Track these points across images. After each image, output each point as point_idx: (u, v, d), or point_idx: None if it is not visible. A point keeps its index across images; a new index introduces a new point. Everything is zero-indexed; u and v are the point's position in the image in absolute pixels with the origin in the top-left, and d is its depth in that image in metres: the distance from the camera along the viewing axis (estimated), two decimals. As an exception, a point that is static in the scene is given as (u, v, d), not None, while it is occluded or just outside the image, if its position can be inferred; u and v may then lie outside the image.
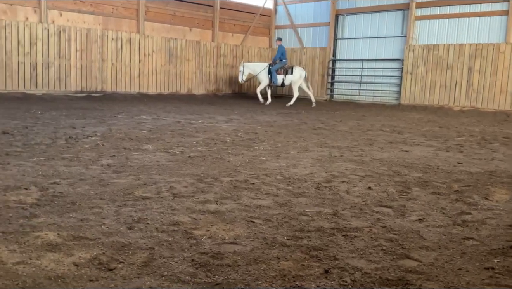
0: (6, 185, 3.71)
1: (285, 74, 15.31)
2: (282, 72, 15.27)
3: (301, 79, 15.36)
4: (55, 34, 13.42)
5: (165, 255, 2.46)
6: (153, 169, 4.62)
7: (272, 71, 15.20)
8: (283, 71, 15.30)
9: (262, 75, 15.32)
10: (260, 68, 15.34)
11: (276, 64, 15.28)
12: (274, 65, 15.29)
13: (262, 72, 15.27)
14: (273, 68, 15.23)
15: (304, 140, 7.17)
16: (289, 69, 15.45)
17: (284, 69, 15.35)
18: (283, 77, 15.32)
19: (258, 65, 15.53)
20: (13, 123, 7.36)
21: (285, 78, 15.36)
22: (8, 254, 2.36)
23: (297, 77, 15.31)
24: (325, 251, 2.59)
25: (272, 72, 15.19)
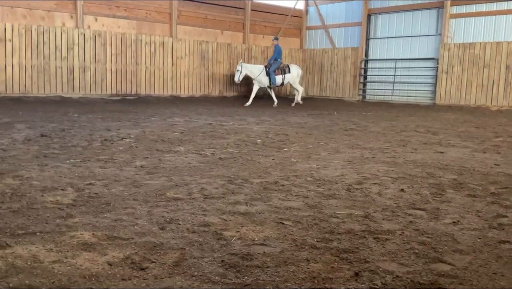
0: (44, 186, 3.84)
1: (283, 73, 15.21)
2: (280, 72, 15.14)
3: (298, 77, 15.38)
4: (91, 39, 13.80)
5: (196, 256, 2.49)
6: (185, 170, 4.68)
7: (270, 73, 14.99)
8: (280, 71, 15.17)
9: (261, 79, 15.08)
10: (258, 71, 15.07)
11: (272, 65, 15.07)
12: (271, 67, 15.06)
13: (261, 76, 15.04)
14: (271, 69, 15.01)
15: (335, 141, 7.11)
16: (286, 68, 15.33)
17: (281, 68, 15.21)
18: (282, 77, 15.20)
19: (256, 67, 15.25)
20: (51, 126, 7.61)
21: (284, 77, 15.26)
22: (45, 253, 2.45)
23: (294, 75, 15.31)
24: (356, 254, 2.56)
25: (270, 74, 14.99)
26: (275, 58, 15.12)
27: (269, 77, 15.00)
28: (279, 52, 15.14)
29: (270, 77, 14.99)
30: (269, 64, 15.12)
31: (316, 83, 19.55)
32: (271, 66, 15.07)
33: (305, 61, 19.79)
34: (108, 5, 14.24)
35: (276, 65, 15.08)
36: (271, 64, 15.09)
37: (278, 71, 15.13)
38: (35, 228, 2.81)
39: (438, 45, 15.73)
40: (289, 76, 15.29)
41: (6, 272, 2.19)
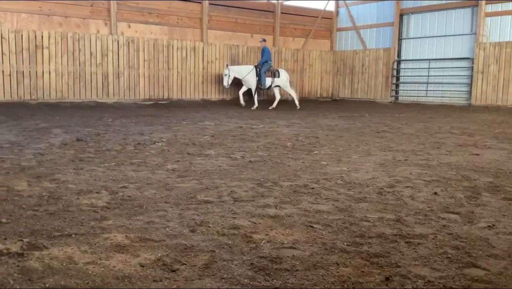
0: (80, 189, 3.95)
1: (273, 77, 14.82)
2: (270, 75, 14.76)
3: (287, 82, 15.03)
4: (124, 45, 14.12)
5: (225, 258, 2.51)
6: (215, 173, 4.73)
7: (261, 74, 14.57)
8: (271, 74, 14.79)
9: (249, 79, 14.66)
10: (246, 71, 14.65)
11: (262, 66, 14.68)
12: (262, 68, 14.65)
13: (250, 76, 14.61)
14: (261, 70, 14.59)
15: (367, 144, 7.03)
16: (276, 72, 14.97)
17: (271, 71, 14.83)
18: (271, 80, 14.82)
19: (244, 68, 14.85)
20: (87, 131, 7.83)
21: (273, 81, 14.86)
22: (80, 254, 2.52)
23: (284, 80, 14.97)
24: (387, 258, 2.53)
25: (261, 75, 14.56)
26: (265, 61, 14.67)
27: (259, 78, 14.58)
28: (268, 54, 14.75)
29: (260, 78, 14.57)
30: (260, 65, 14.72)
31: (347, 85, 19.37)
32: (261, 67, 14.66)
33: (335, 63, 19.64)
34: (141, 12, 14.54)
35: (266, 67, 14.69)
36: (261, 65, 14.71)
37: (268, 74, 14.75)
38: (70, 230, 2.90)
39: (473, 45, 15.32)
40: (279, 81, 14.91)
41: (42, 273, 2.27)
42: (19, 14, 12.56)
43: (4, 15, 12.32)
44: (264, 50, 14.79)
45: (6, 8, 12.30)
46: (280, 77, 14.90)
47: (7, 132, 7.33)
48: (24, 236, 2.76)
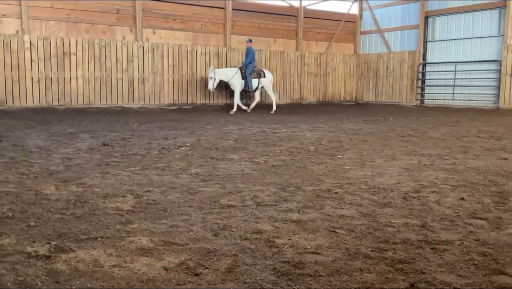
0: (105, 193, 4.03)
1: (259, 77, 14.35)
2: (255, 75, 14.30)
3: (271, 83, 14.67)
4: (149, 51, 14.34)
5: (248, 262, 2.52)
6: (238, 177, 4.75)
7: (247, 76, 14.08)
8: (256, 75, 14.32)
9: (235, 81, 14.12)
10: (232, 73, 14.14)
11: (247, 67, 14.20)
12: (246, 69, 14.15)
13: (235, 78, 14.10)
14: (247, 72, 14.10)
15: (391, 148, 6.94)
16: (261, 72, 14.49)
17: (256, 72, 14.35)
18: (257, 81, 14.35)
19: (229, 70, 14.33)
20: (113, 136, 7.97)
21: (259, 82, 14.40)
22: (105, 257, 2.57)
23: (269, 80, 14.57)
24: (412, 264, 2.49)
25: (247, 77, 14.08)
26: (250, 62, 14.20)
27: (245, 81, 14.10)
28: (253, 55, 14.29)
29: (246, 81, 14.09)
30: (244, 67, 14.23)
31: (371, 88, 19.19)
32: (246, 68, 14.18)
33: (359, 67, 19.49)
34: (166, 18, 14.75)
35: (251, 68, 14.23)
36: (246, 67, 14.22)
37: (254, 75, 14.28)
38: (96, 233, 2.95)
39: (501, 47, 14.98)
40: (265, 81, 14.48)
41: (69, 275, 2.32)
42: (48, 21, 12.90)
43: (33, 22, 12.67)
44: (249, 50, 14.33)
45: (35, 16, 12.65)
46: (266, 77, 14.50)
47: (36, 137, 7.52)
48: (52, 239, 2.83)
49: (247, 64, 14.18)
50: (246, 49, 14.57)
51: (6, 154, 5.93)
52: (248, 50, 14.32)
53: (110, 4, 13.77)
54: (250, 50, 14.28)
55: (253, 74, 14.20)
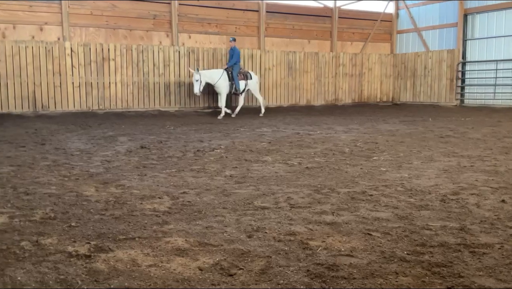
0: (143, 195, 4.13)
1: (246, 79, 13.49)
2: (242, 77, 13.44)
3: (257, 85, 13.93)
4: (185, 55, 14.57)
5: (282, 264, 2.53)
6: (272, 179, 4.76)
7: (234, 77, 13.14)
8: (243, 76, 13.46)
9: (222, 84, 13.09)
10: (218, 75, 13.12)
11: (234, 68, 13.23)
12: (233, 70, 13.21)
13: (222, 80, 13.08)
14: (234, 73, 13.17)
15: (429, 149, 6.79)
16: (247, 74, 13.64)
17: (242, 73, 13.49)
18: (244, 82, 13.47)
19: (215, 72, 13.28)
20: (150, 138, 8.14)
21: (246, 83, 13.54)
22: (142, 257, 2.64)
23: (255, 82, 13.78)
24: (449, 268, 2.43)
25: (235, 79, 13.15)
26: (235, 62, 13.28)
27: (233, 82, 13.20)
28: (238, 55, 13.43)
29: (234, 82, 13.20)
30: (230, 68, 13.28)
31: (408, 88, 18.80)
32: (232, 69, 13.23)
33: (396, 66, 19.13)
34: (201, 23, 14.95)
35: (237, 70, 13.32)
36: (232, 68, 13.26)
37: (241, 76, 13.40)
38: (134, 234, 3.04)
39: (547, 43, 14.37)
40: (251, 83, 13.65)
41: (108, 274, 2.40)
42: (87, 28, 13.32)
43: (74, 29, 13.11)
44: (234, 50, 13.35)
45: (75, 23, 13.09)
46: (252, 79, 13.70)
47: (77, 141, 7.78)
48: (92, 239, 2.93)
49: (233, 65, 13.26)
50: (229, 49, 13.61)
51: (49, 156, 6.17)
52: (233, 50, 13.38)
53: (147, 10, 14.08)
54: (235, 50, 13.38)
55: (240, 76, 13.38)
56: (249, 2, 15.80)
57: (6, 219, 3.32)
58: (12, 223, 3.23)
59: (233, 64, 13.21)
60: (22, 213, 3.48)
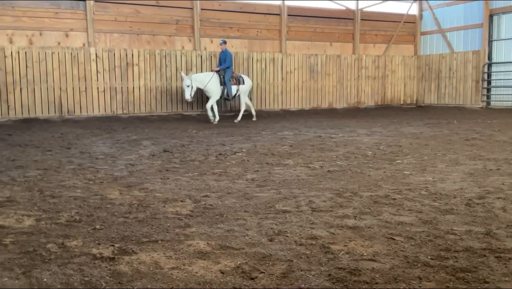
0: (166, 198, 4.17)
1: (238, 84, 12.75)
2: (235, 82, 12.68)
3: (249, 89, 13.24)
4: (207, 60, 14.68)
5: (303, 268, 2.52)
6: (293, 183, 4.75)
7: (226, 82, 12.42)
8: (235, 81, 12.71)
9: (213, 88, 12.34)
10: (207, 78, 12.35)
11: (226, 72, 12.48)
12: (225, 75, 12.48)
13: (212, 84, 12.33)
14: (226, 77, 12.44)
15: (455, 152, 6.67)
16: (240, 78, 12.91)
17: (235, 78, 12.76)
18: (236, 88, 12.70)
19: (205, 75, 12.54)
20: (173, 142, 8.23)
21: (238, 89, 12.74)
22: (165, 260, 2.67)
23: (247, 87, 13.05)
24: (474, 273, 2.39)
25: (226, 83, 12.42)
26: (228, 66, 12.53)
27: (225, 87, 12.48)
28: (231, 58, 12.70)
29: (226, 87, 12.48)
30: (222, 72, 12.54)
31: (433, 90, 18.51)
32: (224, 73, 12.51)
33: (420, 68, 18.87)
34: (222, 27, 15.05)
35: (230, 74, 12.58)
36: (224, 71, 12.53)
37: (233, 81, 12.67)
38: (157, 237, 3.07)
39: None
40: (243, 88, 12.89)
41: (131, 277, 2.43)
42: (112, 34, 13.55)
43: (98, 35, 13.36)
44: (226, 53, 12.59)
45: (100, 29, 13.33)
46: (245, 84, 12.99)
47: (101, 145, 7.92)
48: (116, 241, 2.98)
49: (225, 69, 12.52)
50: (220, 52, 12.83)
51: (74, 160, 6.29)
52: (225, 53, 12.60)
53: (170, 15, 14.25)
54: (228, 53, 12.61)
55: (232, 81, 12.65)
56: (271, 6, 15.83)
57: (33, 222, 3.40)
58: (38, 226, 3.31)
59: (225, 68, 12.50)
60: (49, 216, 3.56)
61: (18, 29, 12.27)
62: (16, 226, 3.28)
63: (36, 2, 12.44)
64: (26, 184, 4.75)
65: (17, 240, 2.98)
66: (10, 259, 2.65)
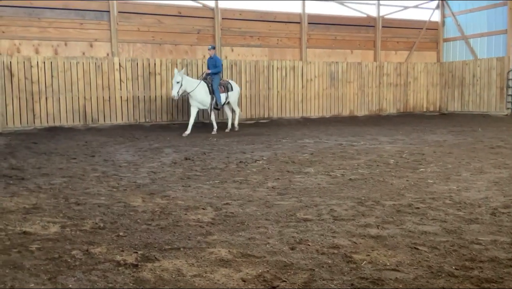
0: (187, 205, 4.21)
1: (226, 91, 12.03)
2: (223, 90, 11.95)
3: (238, 95, 12.66)
4: (228, 68, 14.78)
5: (325, 277, 2.51)
6: (314, 191, 4.73)
7: (215, 90, 11.66)
8: (224, 89, 11.98)
9: (201, 96, 11.56)
10: (195, 84, 11.53)
11: (213, 80, 11.72)
12: (213, 82, 11.68)
13: (201, 92, 11.53)
14: (214, 85, 11.67)
15: (479, 160, 6.55)
16: (228, 84, 12.19)
17: (223, 85, 12.02)
18: (225, 95, 12.00)
19: (194, 82, 11.66)
20: (194, 150, 8.29)
21: (227, 96, 12.07)
22: (187, 267, 2.69)
23: (236, 94, 12.44)
24: (500, 284, 2.34)
25: (215, 91, 11.66)
26: (217, 72, 11.83)
27: (213, 96, 11.71)
28: (221, 64, 12.08)
29: (215, 96, 11.71)
30: (210, 79, 11.79)
31: (456, 97, 18.23)
32: (212, 80, 11.73)
33: (443, 75, 18.62)
34: (243, 36, 15.15)
35: (218, 81, 11.83)
36: (212, 78, 11.76)
37: (221, 89, 11.94)
38: (179, 244, 3.10)
39: None
40: (232, 95, 12.25)
41: (154, 284, 2.46)
42: (135, 44, 13.78)
43: (122, 45, 13.61)
44: (215, 60, 11.92)
45: (123, 39, 13.58)
46: (233, 90, 12.35)
47: (125, 153, 8.03)
48: (139, 248, 3.01)
49: (214, 74, 11.78)
50: (209, 58, 12.18)
51: (98, 168, 6.40)
52: (214, 59, 11.94)
53: (191, 25, 14.43)
54: (217, 60, 11.99)
55: (220, 88, 11.91)
56: (291, 14, 15.88)
57: (58, 229, 3.47)
58: (63, 232, 3.37)
59: (214, 74, 11.75)
60: (73, 223, 3.63)
61: (44, 40, 12.59)
62: (42, 233, 3.35)
63: (62, 13, 12.76)
64: (52, 191, 4.85)
65: (43, 247, 3.04)
66: (36, 265, 2.71)
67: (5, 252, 2.91)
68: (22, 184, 5.19)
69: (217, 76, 11.83)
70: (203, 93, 11.60)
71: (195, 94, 11.51)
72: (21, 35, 12.34)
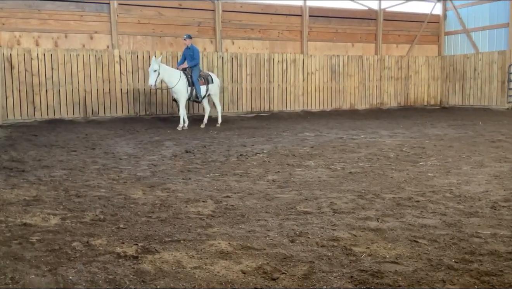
0: (188, 198, 4.21)
1: (207, 83, 11.53)
2: (204, 82, 11.44)
3: (218, 89, 12.17)
4: (228, 61, 14.75)
5: (325, 270, 2.52)
6: (315, 184, 4.74)
7: (195, 82, 11.17)
8: (204, 81, 11.48)
9: (180, 89, 11.03)
10: (175, 77, 11.00)
11: (193, 71, 11.21)
12: (192, 74, 11.20)
13: (180, 85, 11.01)
14: (194, 77, 11.18)
15: (480, 154, 6.54)
16: (208, 77, 11.70)
17: (203, 77, 11.54)
18: (206, 88, 11.49)
19: (174, 72, 11.11)
20: (194, 143, 8.29)
21: (207, 88, 11.56)
22: (187, 259, 2.70)
23: (216, 87, 11.93)
24: (499, 277, 2.34)
25: (195, 83, 11.17)
26: (195, 64, 11.29)
27: (193, 88, 11.23)
28: (198, 55, 11.44)
29: (195, 88, 11.24)
30: (189, 70, 11.30)
31: (457, 91, 18.19)
32: (192, 72, 11.24)
33: (444, 69, 18.57)
34: (244, 29, 15.10)
35: (197, 73, 11.31)
36: (191, 70, 11.27)
37: (202, 81, 11.43)
38: (179, 236, 3.10)
39: None
40: (212, 88, 11.75)
41: (154, 275, 2.46)
42: (135, 36, 13.74)
43: (122, 38, 13.56)
44: (193, 49, 11.32)
45: (124, 32, 13.53)
46: (214, 83, 11.79)
47: (125, 145, 8.03)
48: (139, 240, 3.02)
49: (193, 66, 11.25)
50: (185, 48, 11.55)
51: (99, 160, 6.40)
52: (191, 49, 11.34)
53: (192, 17, 14.37)
54: (195, 49, 11.37)
55: (201, 80, 11.40)
56: (292, 7, 15.82)
57: (58, 220, 3.48)
58: (64, 224, 3.38)
59: (193, 66, 11.25)
60: (74, 215, 3.64)
61: (44, 32, 12.55)
62: (42, 225, 3.36)
63: (62, 5, 12.71)
64: (52, 183, 4.86)
65: (43, 238, 3.05)
66: (37, 256, 2.72)
67: (5, 244, 2.92)
68: (23, 176, 5.19)
69: (197, 68, 11.33)
70: (182, 88, 11.08)
71: (176, 90, 11.06)
72: (21, 27, 12.30)
